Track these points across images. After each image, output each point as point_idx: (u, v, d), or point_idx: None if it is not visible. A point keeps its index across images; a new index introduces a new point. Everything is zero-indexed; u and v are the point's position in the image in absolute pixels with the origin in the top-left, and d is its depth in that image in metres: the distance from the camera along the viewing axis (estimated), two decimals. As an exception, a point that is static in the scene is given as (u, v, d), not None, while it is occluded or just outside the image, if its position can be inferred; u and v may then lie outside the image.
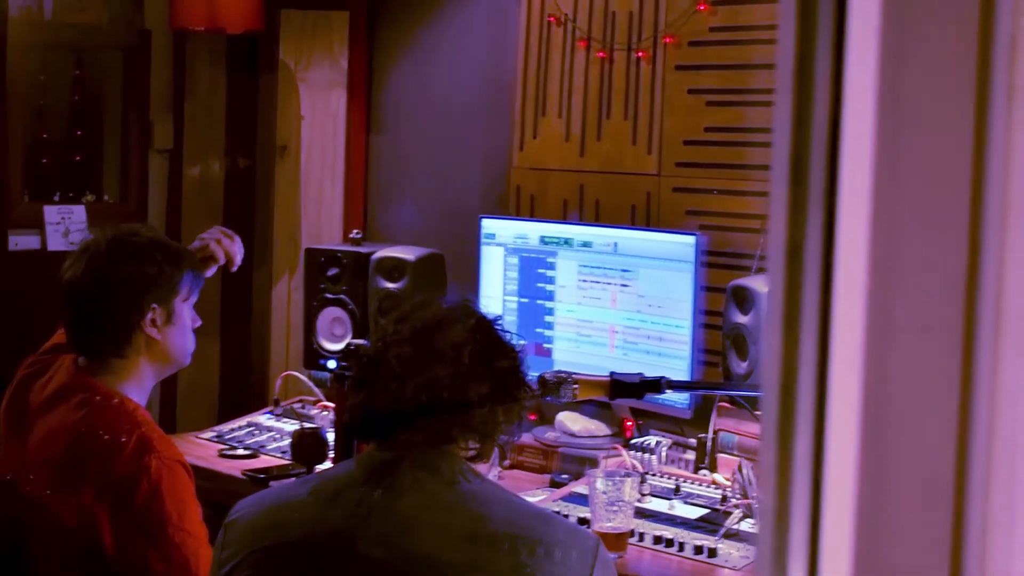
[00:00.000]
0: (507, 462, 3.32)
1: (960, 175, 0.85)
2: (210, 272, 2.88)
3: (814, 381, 0.79)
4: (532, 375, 2.13)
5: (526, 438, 3.35)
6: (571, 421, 3.39)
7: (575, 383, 2.42)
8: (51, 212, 4.15)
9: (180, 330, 2.51)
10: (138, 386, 2.48)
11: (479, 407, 1.92)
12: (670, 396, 3.09)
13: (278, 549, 1.88)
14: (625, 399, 2.68)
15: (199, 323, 2.59)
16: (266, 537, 1.89)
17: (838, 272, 0.79)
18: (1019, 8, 0.88)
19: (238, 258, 2.91)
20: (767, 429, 0.80)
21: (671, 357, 3.21)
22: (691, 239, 3.21)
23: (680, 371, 3.18)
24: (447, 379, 1.91)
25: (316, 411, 3.70)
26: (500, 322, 2.01)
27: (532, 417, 3.46)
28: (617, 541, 2.67)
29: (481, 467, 1.96)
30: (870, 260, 0.79)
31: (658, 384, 2.41)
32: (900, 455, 0.81)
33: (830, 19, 0.80)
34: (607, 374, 2.51)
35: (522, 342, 2.09)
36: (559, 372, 2.45)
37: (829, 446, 0.78)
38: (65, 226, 4.15)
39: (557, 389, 2.41)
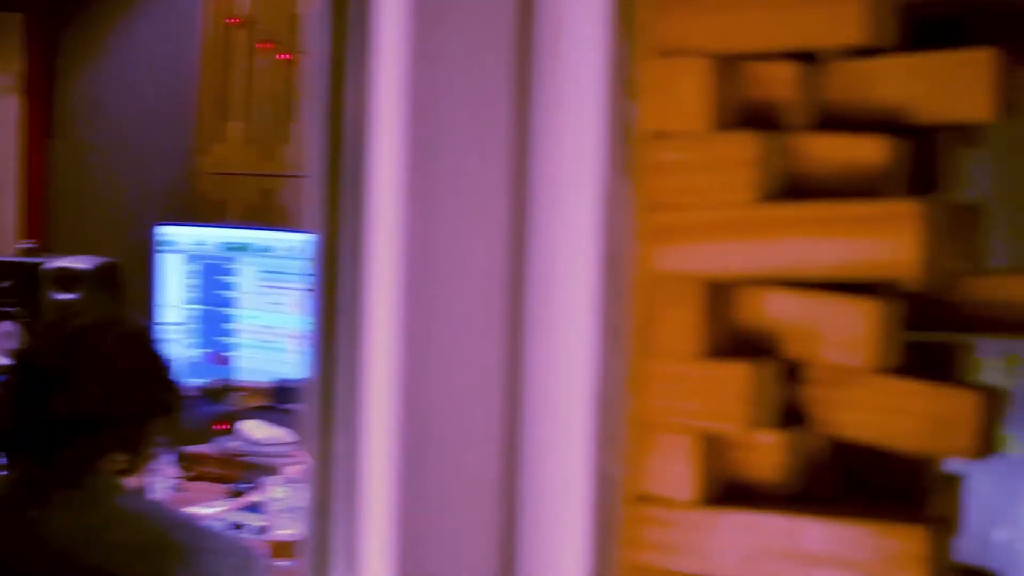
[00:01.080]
0: (192, 473, 3.23)
1: (500, 168, 0.86)
2: None
3: (352, 376, 0.79)
4: (194, 384, 2.09)
5: (207, 448, 3.28)
6: (254, 429, 3.33)
7: (239, 390, 2.39)
8: None
9: None
10: None
11: (128, 420, 1.87)
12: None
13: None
14: (295, 405, 2.66)
15: None
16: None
17: (372, 267, 0.79)
18: (561, 2, 0.89)
19: None
20: (309, 426, 0.80)
21: (353, 361, 3.21)
22: (371, 242, 3.21)
23: (363, 374, 3.17)
24: (95, 392, 1.85)
25: (-15, 430, 3.53)
26: (152, 333, 1.96)
27: (224, 427, 3.39)
28: (293, 548, 2.65)
29: (138, 480, 1.91)
30: (406, 255, 0.80)
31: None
32: (443, 451, 0.82)
33: (361, 18, 0.80)
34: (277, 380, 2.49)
35: (190, 353, 2.05)
36: (223, 380, 2.42)
37: (367, 443, 0.79)
38: None
39: (221, 397, 2.38)
